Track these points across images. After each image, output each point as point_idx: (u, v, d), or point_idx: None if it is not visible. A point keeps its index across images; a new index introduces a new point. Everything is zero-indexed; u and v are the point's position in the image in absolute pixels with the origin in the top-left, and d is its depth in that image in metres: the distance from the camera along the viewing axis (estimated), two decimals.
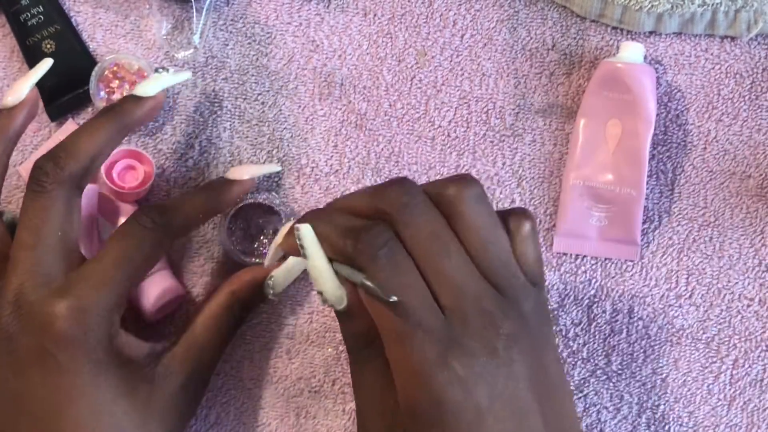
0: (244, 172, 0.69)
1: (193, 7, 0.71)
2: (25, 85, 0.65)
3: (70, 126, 0.72)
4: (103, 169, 0.70)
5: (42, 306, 0.59)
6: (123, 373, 0.61)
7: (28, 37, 0.71)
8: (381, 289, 0.52)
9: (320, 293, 0.55)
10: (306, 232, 0.54)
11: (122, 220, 0.71)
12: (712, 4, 0.69)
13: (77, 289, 0.60)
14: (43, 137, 0.73)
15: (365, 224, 0.53)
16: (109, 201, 0.71)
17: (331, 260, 0.55)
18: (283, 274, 0.66)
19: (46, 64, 0.66)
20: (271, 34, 0.72)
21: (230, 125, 0.72)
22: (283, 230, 0.57)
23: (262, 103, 0.72)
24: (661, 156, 0.71)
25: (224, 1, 0.72)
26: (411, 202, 0.54)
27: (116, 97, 0.70)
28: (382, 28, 0.72)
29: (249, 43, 0.72)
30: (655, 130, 0.70)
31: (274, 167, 0.71)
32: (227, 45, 0.72)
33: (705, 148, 0.71)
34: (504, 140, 0.72)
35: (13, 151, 0.65)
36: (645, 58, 0.70)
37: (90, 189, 0.69)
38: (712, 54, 0.71)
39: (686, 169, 0.71)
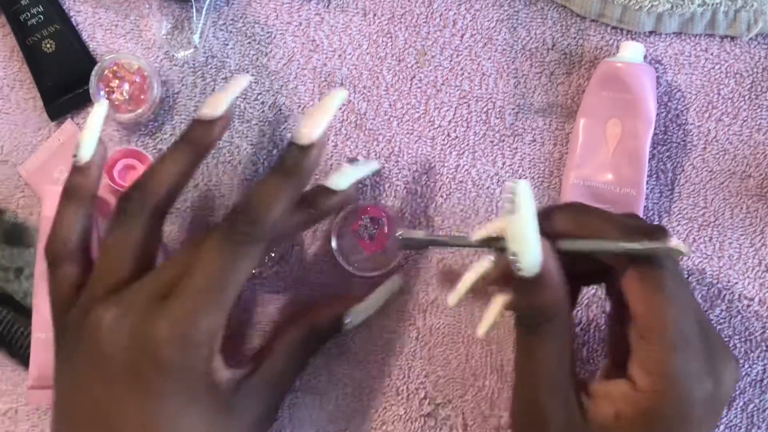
0: (344, 181, 0.66)
1: (193, 6, 0.71)
2: (223, 101, 0.63)
3: (69, 126, 0.72)
4: (103, 168, 0.70)
5: (143, 327, 0.59)
6: (210, 400, 0.60)
7: (27, 37, 0.71)
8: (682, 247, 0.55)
9: (515, 256, 0.55)
10: (524, 186, 0.55)
11: None
12: (712, 4, 0.69)
13: (179, 313, 0.59)
14: (42, 137, 0.73)
15: (658, 227, 0.57)
16: (106, 201, 0.71)
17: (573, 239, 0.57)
18: (362, 309, 0.68)
19: (245, 80, 0.65)
20: (271, 33, 0.72)
21: (232, 125, 0.72)
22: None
23: (262, 102, 0.72)
24: (661, 156, 0.71)
25: (224, 1, 0.72)
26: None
27: (116, 96, 0.70)
28: (382, 27, 0.72)
29: (249, 43, 0.72)
30: (655, 129, 0.70)
31: (374, 164, 0.69)
32: (227, 45, 0.72)
33: (705, 147, 0.71)
34: (504, 140, 0.72)
35: (201, 163, 0.64)
36: (645, 57, 0.70)
37: None
38: (712, 54, 0.71)
39: (686, 168, 0.71)
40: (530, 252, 0.55)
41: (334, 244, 0.71)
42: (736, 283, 0.70)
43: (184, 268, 0.60)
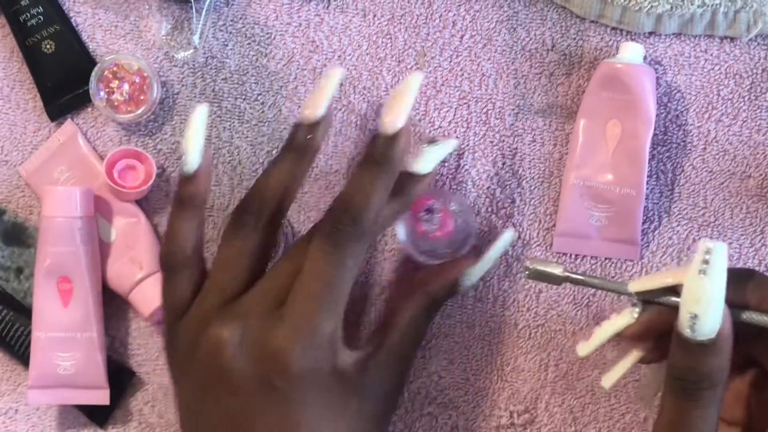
0: (426, 165, 0.66)
1: (193, 7, 0.71)
2: (322, 100, 0.63)
3: (69, 126, 0.72)
4: (104, 168, 0.70)
5: (265, 340, 0.60)
6: (340, 392, 0.61)
7: (27, 38, 0.71)
8: None
9: (694, 318, 0.53)
10: (722, 250, 0.53)
11: (121, 219, 0.71)
12: (712, 5, 0.69)
13: (298, 322, 0.60)
14: (42, 137, 0.73)
15: None
16: (106, 201, 0.71)
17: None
18: (477, 270, 0.68)
19: (339, 73, 0.64)
20: (271, 34, 0.72)
21: (230, 125, 0.72)
22: (677, 272, 0.56)
23: (262, 103, 0.72)
24: (660, 156, 0.71)
25: (224, 2, 0.72)
26: None
27: (116, 97, 0.70)
28: (381, 28, 0.72)
29: (249, 44, 0.72)
30: (654, 130, 0.70)
31: (452, 142, 0.69)
32: (227, 45, 0.72)
33: (705, 148, 0.71)
34: (504, 140, 0.72)
35: (310, 167, 0.65)
36: (645, 58, 0.70)
37: (86, 191, 0.70)
38: (711, 54, 0.71)
39: (686, 169, 0.71)
40: (713, 317, 0.53)
41: (401, 236, 0.70)
42: None
43: (294, 275, 0.61)
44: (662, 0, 0.69)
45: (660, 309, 0.57)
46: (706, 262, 0.53)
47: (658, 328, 0.57)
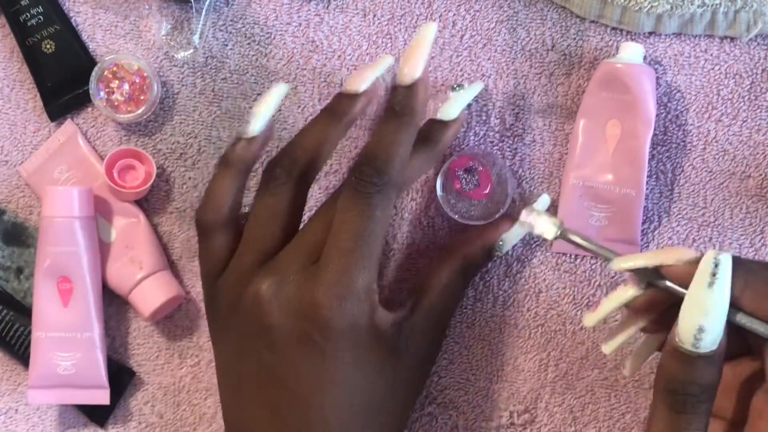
0: (454, 110, 0.67)
1: (193, 7, 0.71)
2: (367, 78, 0.64)
3: (69, 126, 0.72)
4: (104, 168, 0.70)
5: (302, 294, 0.61)
6: (377, 350, 0.62)
7: (27, 38, 0.71)
8: None
9: (699, 332, 0.52)
10: (727, 261, 0.52)
11: (121, 219, 0.71)
12: (712, 5, 0.69)
13: (333, 275, 0.60)
14: (43, 137, 0.73)
15: None
16: (106, 201, 0.71)
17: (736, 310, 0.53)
18: (513, 235, 0.68)
19: (390, 60, 0.65)
20: (271, 34, 0.72)
21: (230, 125, 0.72)
22: (678, 255, 0.55)
23: None
24: (660, 156, 0.71)
25: (224, 2, 0.72)
26: None
27: (116, 97, 0.71)
28: (381, 28, 0.72)
29: (248, 44, 0.72)
30: (654, 130, 0.70)
31: (478, 86, 0.70)
32: (227, 45, 0.72)
33: (704, 148, 0.71)
34: (504, 140, 0.72)
35: (344, 135, 0.65)
36: (644, 58, 0.70)
37: (86, 191, 0.70)
38: (711, 54, 0.71)
39: (686, 169, 0.71)
40: (719, 329, 0.52)
41: (439, 190, 0.70)
42: None
43: (326, 230, 0.62)
44: (662, 0, 0.69)
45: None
46: (714, 274, 0.52)
47: (664, 301, 0.57)
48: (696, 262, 0.53)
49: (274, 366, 0.62)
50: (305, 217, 0.67)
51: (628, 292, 0.57)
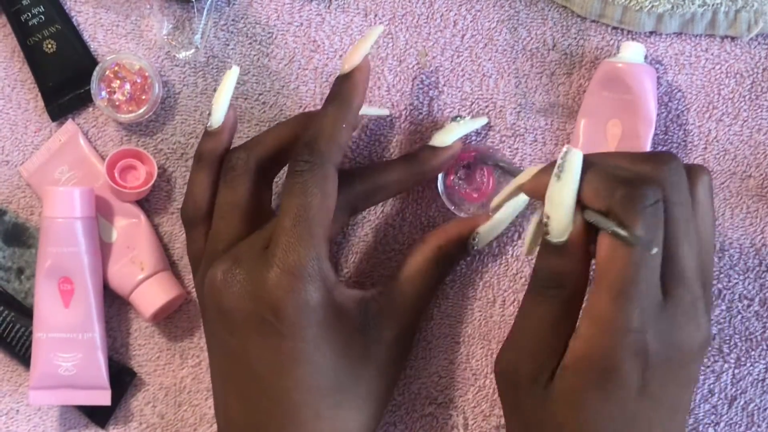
0: (448, 137, 0.68)
1: (194, 7, 0.71)
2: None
3: (70, 126, 0.72)
4: (105, 168, 0.70)
5: (253, 276, 0.61)
6: (340, 328, 0.62)
7: (28, 37, 0.71)
8: (635, 239, 0.53)
9: (546, 219, 0.55)
10: (576, 156, 0.55)
11: (122, 220, 0.71)
12: (713, 5, 0.69)
13: (279, 255, 0.61)
14: (43, 137, 0.73)
15: (641, 178, 0.55)
16: (107, 201, 0.71)
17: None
18: (488, 229, 0.68)
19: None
20: (272, 34, 0.72)
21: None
22: (531, 170, 0.58)
23: (263, 103, 0.72)
24: None
25: (225, 1, 0.72)
26: (680, 182, 0.56)
27: (117, 97, 0.70)
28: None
29: (250, 44, 0.72)
30: (655, 130, 0.70)
31: (481, 120, 0.71)
32: (228, 45, 0.72)
33: (705, 148, 0.71)
34: (505, 140, 0.72)
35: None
36: (645, 58, 0.71)
37: (87, 191, 0.70)
38: (712, 54, 0.71)
39: None
40: (563, 219, 0.55)
41: (439, 186, 0.71)
42: (737, 283, 0.70)
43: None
44: None
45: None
46: (560, 165, 0.55)
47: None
48: (545, 171, 0.57)
49: (237, 350, 0.62)
50: None
51: (521, 177, 0.60)
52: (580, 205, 0.56)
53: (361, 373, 0.63)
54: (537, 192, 0.58)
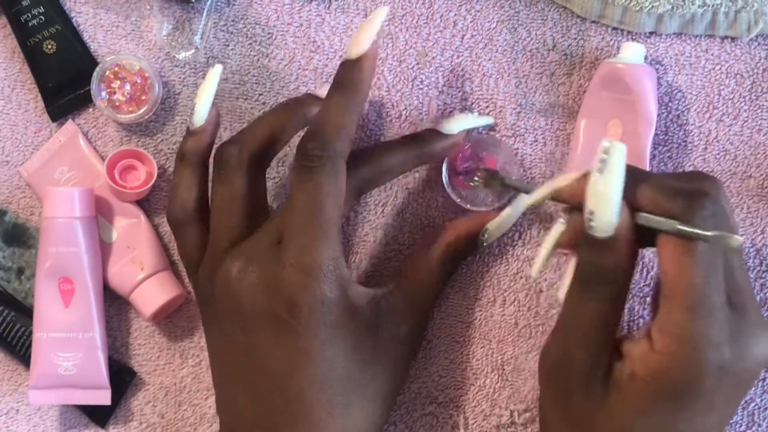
0: (454, 126, 0.69)
1: (194, 7, 0.71)
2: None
3: (70, 126, 0.72)
4: (104, 169, 0.70)
5: (267, 273, 0.61)
6: (353, 326, 0.62)
7: (28, 38, 0.71)
8: (705, 236, 0.54)
9: (590, 215, 0.55)
10: (620, 148, 0.55)
11: (122, 220, 0.71)
12: (713, 5, 0.69)
13: (293, 252, 0.60)
14: (44, 138, 0.73)
15: (698, 189, 0.56)
16: (107, 202, 0.71)
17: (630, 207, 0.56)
18: (497, 225, 0.68)
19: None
20: (272, 34, 0.72)
21: (230, 125, 0.72)
22: (569, 176, 0.58)
23: (263, 103, 0.72)
24: (662, 156, 0.71)
25: (225, 2, 0.72)
26: (721, 196, 0.57)
27: (117, 97, 0.70)
28: (382, 28, 0.72)
29: (250, 44, 0.72)
30: (656, 130, 0.70)
31: (487, 119, 0.71)
32: (228, 45, 0.72)
33: (706, 148, 0.71)
34: (505, 140, 0.72)
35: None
36: (645, 58, 0.71)
37: (87, 191, 0.70)
38: (712, 54, 0.71)
39: (687, 169, 0.71)
40: (609, 213, 0.55)
41: (444, 178, 0.70)
42: None
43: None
44: (663, 0, 0.69)
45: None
46: (603, 160, 0.55)
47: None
48: (586, 176, 0.56)
49: (249, 347, 0.62)
50: None
51: (555, 231, 0.60)
52: (632, 208, 0.56)
53: (372, 370, 0.63)
54: (575, 198, 0.58)
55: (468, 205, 0.70)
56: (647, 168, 0.69)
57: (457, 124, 0.69)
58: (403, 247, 0.72)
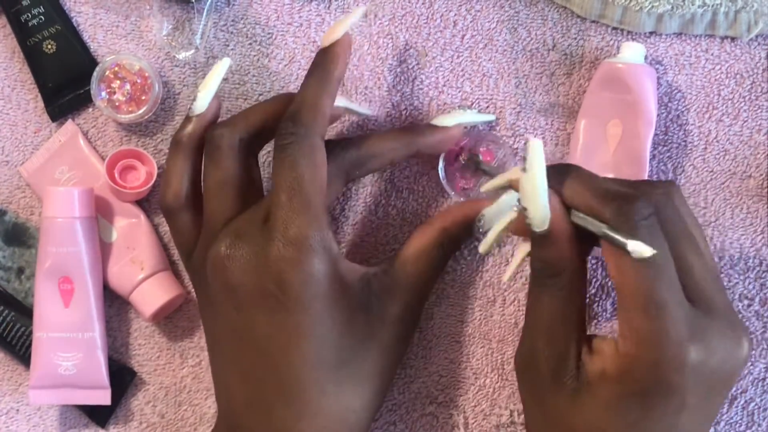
0: (449, 120, 0.69)
1: (194, 7, 0.71)
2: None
3: (70, 126, 0.72)
4: (104, 169, 0.70)
5: (255, 250, 0.61)
6: (345, 302, 0.62)
7: (28, 38, 0.71)
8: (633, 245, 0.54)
9: (524, 210, 0.57)
10: (537, 145, 0.56)
11: (122, 220, 0.71)
12: (713, 5, 0.69)
13: (280, 228, 0.61)
14: (43, 137, 0.73)
15: (632, 193, 0.57)
16: (107, 201, 0.71)
17: (568, 210, 0.58)
18: (494, 211, 0.68)
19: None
20: (272, 34, 0.72)
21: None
22: (516, 170, 0.59)
23: None
24: (661, 156, 0.71)
25: (225, 2, 0.72)
26: (675, 194, 0.59)
27: (117, 97, 0.70)
28: (383, 28, 0.72)
29: (250, 44, 0.72)
30: (655, 130, 0.70)
31: (487, 116, 0.71)
32: (228, 45, 0.72)
33: (705, 148, 0.71)
34: (505, 139, 0.72)
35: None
36: (645, 58, 0.71)
37: (87, 191, 0.70)
38: (712, 54, 0.71)
39: (687, 169, 0.71)
40: (538, 209, 0.57)
41: (441, 172, 0.71)
42: (737, 283, 0.71)
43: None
44: (663, 0, 0.69)
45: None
46: (524, 159, 0.56)
47: None
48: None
49: (242, 325, 0.62)
50: None
51: (508, 216, 0.61)
52: (567, 205, 0.58)
53: (364, 350, 0.63)
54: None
55: (464, 200, 0.70)
56: (647, 168, 0.69)
57: (452, 118, 0.69)
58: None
